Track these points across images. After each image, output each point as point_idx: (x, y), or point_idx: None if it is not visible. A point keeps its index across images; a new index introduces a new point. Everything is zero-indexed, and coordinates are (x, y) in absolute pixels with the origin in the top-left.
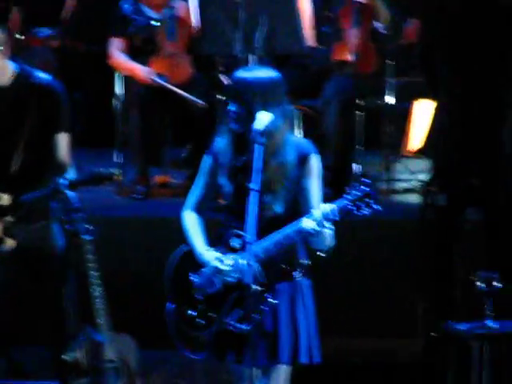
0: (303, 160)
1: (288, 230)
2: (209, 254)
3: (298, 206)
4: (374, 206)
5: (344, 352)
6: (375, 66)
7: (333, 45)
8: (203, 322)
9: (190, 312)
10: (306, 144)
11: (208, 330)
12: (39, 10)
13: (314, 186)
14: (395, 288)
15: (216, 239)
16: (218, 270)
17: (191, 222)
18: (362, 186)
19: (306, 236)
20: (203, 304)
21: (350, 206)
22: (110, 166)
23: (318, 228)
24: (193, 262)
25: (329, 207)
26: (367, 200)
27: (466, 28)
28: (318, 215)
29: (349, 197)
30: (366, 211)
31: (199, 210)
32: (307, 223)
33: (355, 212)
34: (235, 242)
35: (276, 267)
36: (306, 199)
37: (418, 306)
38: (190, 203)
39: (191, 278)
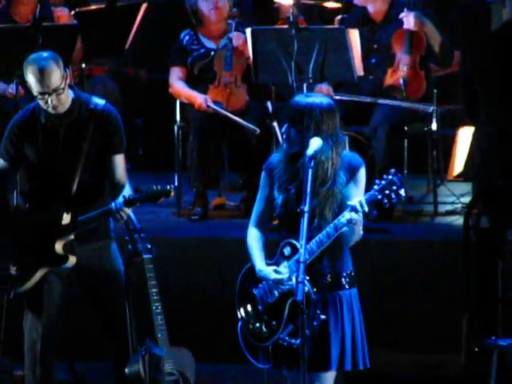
0: (352, 172)
1: (327, 228)
2: (267, 269)
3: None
4: (400, 193)
5: (394, 364)
6: (423, 92)
7: (384, 73)
8: (267, 332)
9: (256, 325)
10: (357, 158)
11: (269, 341)
12: (102, 40)
13: (356, 193)
14: (442, 305)
15: (272, 254)
16: (275, 281)
17: (252, 238)
18: (387, 177)
19: (340, 229)
20: (265, 315)
21: (377, 196)
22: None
23: (352, 219)
24: (255, 276)
25: (357, 200)
26: (393, 188)
27: (503, 56)
28: (351, 209)
29: (376, 187)
30: (393, 199)
31: (261, 224)
32: (344, 217)
33: (383, 201)
34: (287, 250)
35: (324, 279)
36: (341, 200)
37: (462, 323)
38: (252, 219)
39: (254, 291)
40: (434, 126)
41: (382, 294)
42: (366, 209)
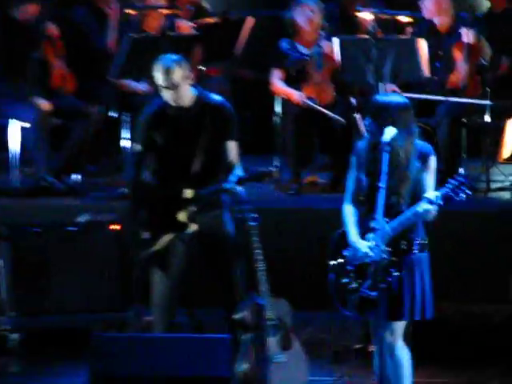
0: (424, 159)
1: (408, 213)
2: (359, 242)
3: (416, 196)
4: (468, 192)
5: (454, 314)
6: (478, 92)
7: (446, 75)
8: (353, 287)
9: (344, 280)
10: (427, 147)
11: (355, 295)
12: (217, 47)
13: (430, 180)
14: (490, 263)
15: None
16: (364, 253)
17: (348, 213)
18: (458, 177)
19: (420, 217)
20: (352, 273)
21: (450, 193)
22: (270, 167)
23: (428, 210)
24: (346, 241)
25: (434, 194)
26: (463, 187)
27: None
28: (428, 201)
29: (449, 185)
30: (462, 196)
31: (353, 200)
32: (422, 207)
33: (454, 197)
34: (373, 224)
35: (401, 245)
36: (422, 190)
37: (509, 279)
38: (347, 197)
39: (344, 253)
40: (487, 118)
41: (444, 256)
42: (441, 202)
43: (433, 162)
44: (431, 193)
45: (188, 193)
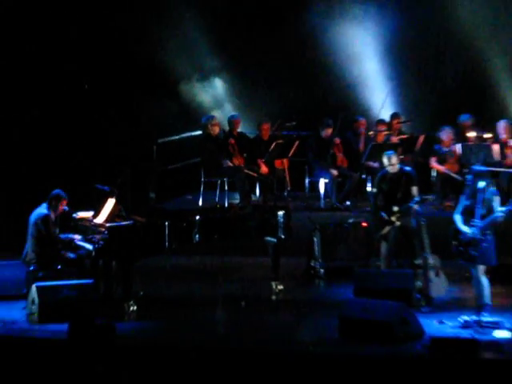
0: (494, 193)
1: (489, 219)
2: (468, 229)
3: (492, 210)
4: None
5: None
6: None
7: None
8: (464, 250)
9: (460, 248)
10: (496, 191)
11: (466, 254)
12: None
13: (496, 203)
14: None
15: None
16: (471, 233)
17: (457, 219)
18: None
19: (494, 220)
20: (465, 244)
21: (510, 207)
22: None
23: (500, 216)
24: (458, 232)
25: (503, 209)
26: None
27: None
28: (501, 212)
29: (510, 204)
30: None
31: (461, 212)
32: (498, 214)
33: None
34: (473, 223)
35: (483, 233)
36: (494, 207)
37: None
38: (457, 210)
39: (460, 236)
40: None
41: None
42: (505, 213)
43: (498, 197)
44: (499, 209)
45: (395, 208)
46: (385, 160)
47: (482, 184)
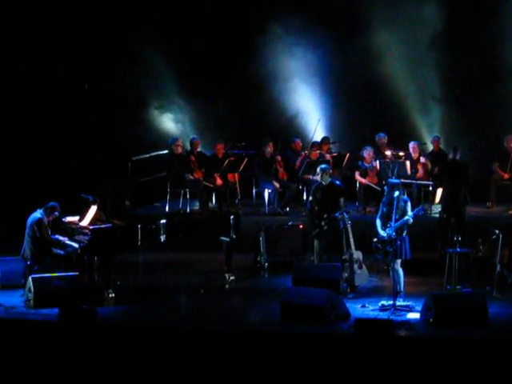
0: (405, 202)
1: (401, 221)
2: (384, 232)
3: (403, 215)
4: (420, 212)
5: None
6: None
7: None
8: (382, 248)
9: (379, 245)
10: (407, 198)
11: (382, 250)
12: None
13: (408, 208)
14: None
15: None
16: (386, 234)
17: (378, 223)
18: (418, 208)
19: (406, 222)
20: (381, 243)
21: (417, 213)
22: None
23: (410, 219)
24: (377, 233)
25: (411, 213)
26: (421, 212)
27: None
28: (409, 215)
29: (415, 211)
30: (419, 215)
31: (380, 217)
32: (408, 217)
33: (418, 213)
34: (388, 225)
35: (398, 232)
36: (405, 212)
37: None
38: (378, 216)
39: (378, 236)
40: None
41: None
42: (413, 216)
43: (409, 202)
44: (409, 213)
45: (325, 215)
46: (320, 172)
47: (396, 193)
